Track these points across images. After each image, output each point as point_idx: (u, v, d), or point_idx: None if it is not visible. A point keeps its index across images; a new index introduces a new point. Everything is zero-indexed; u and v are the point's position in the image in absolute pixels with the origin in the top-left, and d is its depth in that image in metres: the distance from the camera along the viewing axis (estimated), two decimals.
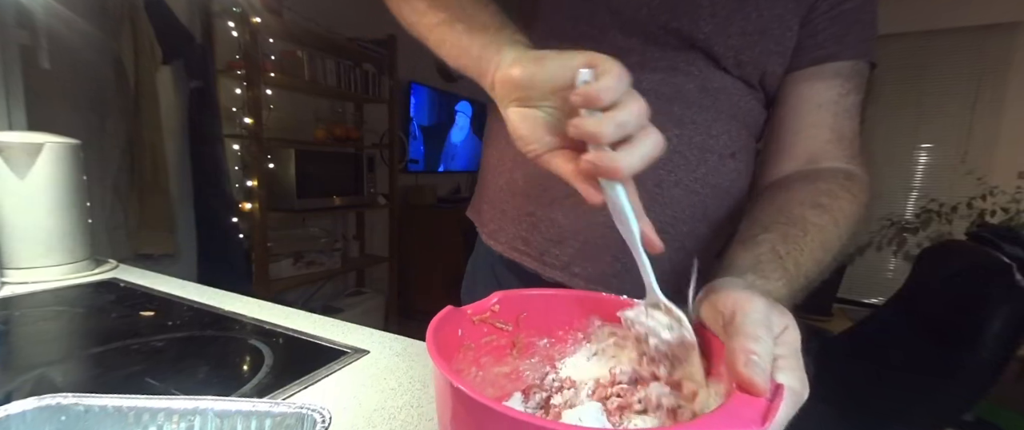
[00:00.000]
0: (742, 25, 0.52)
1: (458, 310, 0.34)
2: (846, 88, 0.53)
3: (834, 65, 0.52)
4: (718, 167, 0.56)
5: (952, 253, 1.24)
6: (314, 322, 0.66)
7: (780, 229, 0.42)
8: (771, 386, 0.25)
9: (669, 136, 0.52)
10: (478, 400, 0.23)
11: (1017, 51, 2.79)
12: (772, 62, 0.53)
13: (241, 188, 2.05)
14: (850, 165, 0.52)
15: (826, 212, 0.44)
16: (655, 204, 0.55)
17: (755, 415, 0.23)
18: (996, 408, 1.79)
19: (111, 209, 1.71)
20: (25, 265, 0.81)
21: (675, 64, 0.54)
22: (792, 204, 0.46)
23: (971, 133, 2.94)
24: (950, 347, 1.04)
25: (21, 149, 0.78)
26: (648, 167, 0.54)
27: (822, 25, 0.52)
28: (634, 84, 0.53)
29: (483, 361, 0.36)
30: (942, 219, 2.97)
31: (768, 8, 0.51)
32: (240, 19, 1.88)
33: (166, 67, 1.79)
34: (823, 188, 0.47)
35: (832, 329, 1.66)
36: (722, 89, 0.55)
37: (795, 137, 0.54)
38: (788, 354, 0.27)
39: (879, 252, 3.21)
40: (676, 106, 0.54)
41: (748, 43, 0.52)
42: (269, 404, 0.29)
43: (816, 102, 0.53)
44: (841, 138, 0.53)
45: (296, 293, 2.39)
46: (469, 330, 0.35)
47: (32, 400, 0.27)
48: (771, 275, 0.36)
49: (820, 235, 0.42)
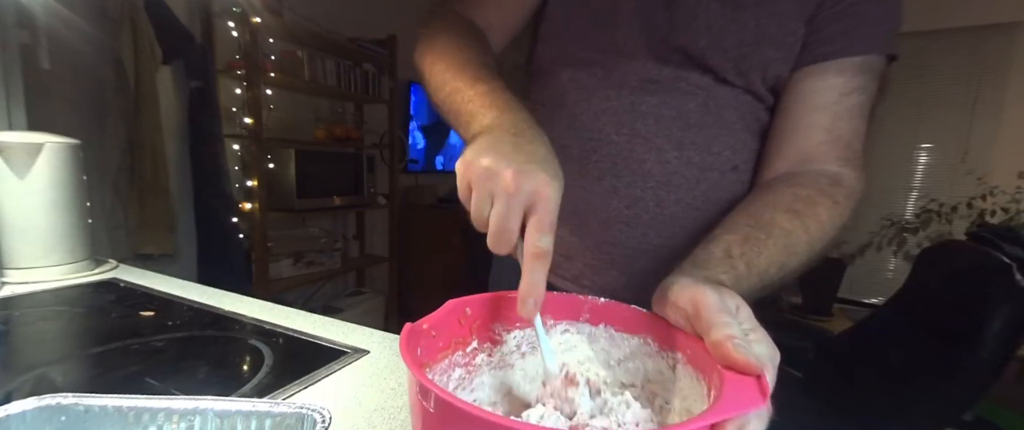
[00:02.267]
0: (738, 36, 0.51)
1: (416, 327, 0.32)
2: (849, 87, 0.51)
3: (837, 62, 0.51)
4: (719, 182, 0.56)
5: (952, 253, 1.24)
6: (314, 322, 0.66)
7: (743, 231, 0.42)
8: None
9: (669, 158, 0.55)
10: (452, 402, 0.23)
11: (1017, 51, 2.79)
12: (776, 67, 0.53)
13: (241, 188, 2.05)
14: (842, 168, 0.51)
15: (798, 218, 0.44)
16: (655, 222, 0.56)
17: (755, 393, 0.24)
18: (996, 408, 1.79)
19: (111, 209, 1.71)
20: (25, 265, 0.81)
21: (676, 84, 0.54)
22: (765, 207, 0.46)
23: (971, 133, 2.94)
24: (950, 347, 1.04)
25: (21, 149, 0.78)
26: (649, 188, 0.55)
27: (827, 21, 0.51)
28: (635, 107, 0.54)
29: (445, 370, 0.36)
30: (942, 219, 2.97)
31: (766, 15, 0.51)
32: (240, 19, 1.88)
33: (166, 67, 1.79)
34: (801, 194, 0.47)
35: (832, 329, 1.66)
36: (727, 104, 0.54)
37: (788, 138, 0.54)
38: (752, 326, 0.29)
39: (879, 252, 3.21)
40: (676, 127, 0.54)
41: (747, 53, 0.52)
42: (269, 404, 0.29)
43: (814, 103, 0.52)
44: (837, 140, 0.51)
45: (296, 293, 2.39)
46: (427, 345, 0.34)
47: (32, 400, 0.27)
48: (714, 269, 0.37)
49: (785, 239, 0.42)
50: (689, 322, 0.31)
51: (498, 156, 0.34)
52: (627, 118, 0.55)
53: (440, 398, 0.24)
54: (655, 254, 0.57)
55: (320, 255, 2.37)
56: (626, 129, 0.55)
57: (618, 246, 0.58)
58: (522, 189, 0.32)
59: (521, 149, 0.35)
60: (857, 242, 3.25)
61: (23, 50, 1.12)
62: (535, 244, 0.32)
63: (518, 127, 0.39)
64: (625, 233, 0.57)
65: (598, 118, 0.57)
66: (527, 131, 0.39)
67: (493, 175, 0.33)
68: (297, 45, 2.24)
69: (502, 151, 0.35)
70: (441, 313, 0.35)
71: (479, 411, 0.23)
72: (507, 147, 0.35)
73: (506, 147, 0.35)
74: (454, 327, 0.36)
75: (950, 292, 1.13)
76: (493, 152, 0.35)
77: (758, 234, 0.42)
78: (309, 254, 2.31)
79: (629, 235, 0.57)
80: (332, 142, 2.42)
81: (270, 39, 2.10)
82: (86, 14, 1.51)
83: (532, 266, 0.32)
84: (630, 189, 0.56)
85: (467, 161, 0.35)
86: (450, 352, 0.36)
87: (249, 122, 1.94)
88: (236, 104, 2.01)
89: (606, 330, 0.38)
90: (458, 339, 0.36)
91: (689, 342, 0.31)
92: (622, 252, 0.58)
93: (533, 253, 0.32)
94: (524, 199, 0.33)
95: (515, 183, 0.32)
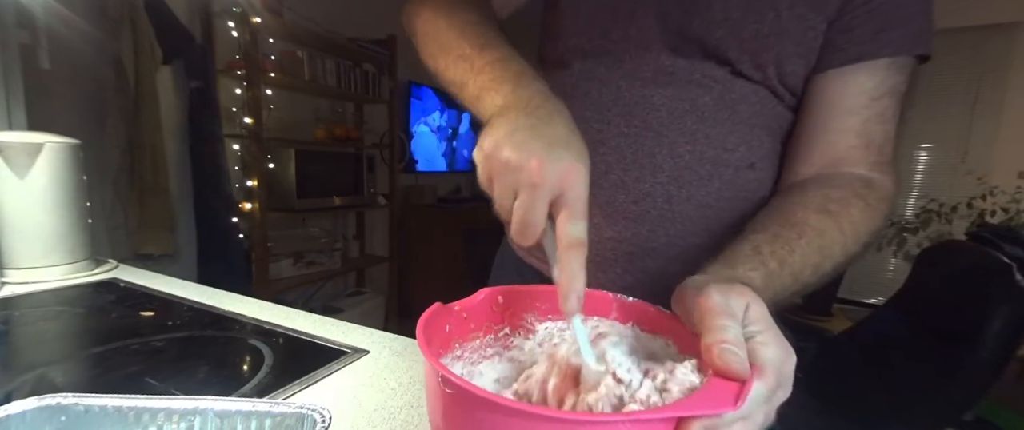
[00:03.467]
0: (756, 28, 0.49)
1: (446, 307, 0.34)
2: (880, 91, 0.49)
3: (869, 64, 0.49)
4: (733, 180, 0.54)
5: (952, 253, 1.24)
6: (314, 322, 0.66)
7: (773, 229, 0.41)
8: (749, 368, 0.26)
9: (682, 152, 0.53)
10: (468, 389, 0.24)
11: (1017, 51, 2.79)
12: (793, 62, 0.51)
13: (241, 188, 2.05)
14: (873, 172, 0.49)
15: (831, 218, 0.43)
16: (663, 219, 0.54)
17: (728, 397, 0.24)
18: (996, 408, 1.79)
19: (111, 209, 1.71)
20: (25, 265, 0.81)
21: (691, 76, 0.52)
22: (796, 207, 0.44)
23: (971, 133, 2.94)
24: (950, 347, 1.04)
25: (21, 149, 0.78)
26: (659, 183, 0.53)
27: (859, 21, 0.48)
28: (647, 100, 0.52)
29: (471, 356, 0.37)
30: (942, 219, 2.97)
31: (787, 8, 0.49)
32: (240, 19, 1.88)
33: (166, 67, 1.79)
34: (835, 195, 0.45)
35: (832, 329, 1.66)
36: (743, 98, 0.53)
37: (817, 141, 0.52)
38: (762, 328, 0.28)
39: (879, 252, 3.21)
40: (689, 120, 0.52)
41: (764, 46, 0.50)
42: (269, 404, 0.29)
43: (844, 107, 0.50)
44: (868, 144, 0.49)
45: (296, 293, 2.39)
46: (457, 325, 0.35)
47: (32, 400, 0.27)
48: (742, 267, 0.36)
49: (819, 239, 0.41)
50: (694, 325, 0.30)
51: (518, 146, 0.32)
52: (638, 111, 0.53)
53: (447, 379, 0.25)
54: (662, 253, 0.55)
55: (320, 255, 2.37)
56: (637, 122, 0.53)
57: (623, 243, 0.56)
58: (547, 180, 0.30)
59: (540, 133, 0.33)
60: (870, 250, 3.24)
61: (23, 50, 1.12)
62: (569, 234, 0.30)
63: (534, 103, 0.37)
64: (630, 230, 0.55)
65: (608, 110, 0.55)
66: (544, 107, 0.37)
67: (515, 168, 0.31)
68: (297, 45, 2.24)
69: (522, 139, 0.33)
70: (475, 299, 0.36)
71: (480, 391, 0.24)
72: (525, 133, 0.33)
73: (525, 133, 0.33)
74: (487, 313, 0.37)
75: (950, 292, 1.13)
76: (512, 141, 0.32)
77: (789, 233, 0.40)
78: (309, 254, 2.31)
79: (635, 232, 0.55)
80: (332, 142, 2.42)
81: (270, 39, 2.11)
82: (86, 14, 1.51)
83: (569, 257, 0.30)
84: (638, 184, 0.54)
85: (486, 153, 0.33)
86: (482, 334, 0.37)
87: (249, 122, 1.94)
88: (236, 104, 2.01)
89: (633, 329, 0.37)
90: (490, 323, 0.38)
91: (698, 345, 0.31)
92: (626, 249, 0.56)
93: (568, 243, 0.30)
94: (551, 189, 0.31)
95: (540, 173, 0.30)
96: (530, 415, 0.24)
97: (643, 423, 0.24)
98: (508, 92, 0.39)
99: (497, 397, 0.25)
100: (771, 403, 0.27)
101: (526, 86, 0.39)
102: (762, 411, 0.26)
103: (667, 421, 0.24)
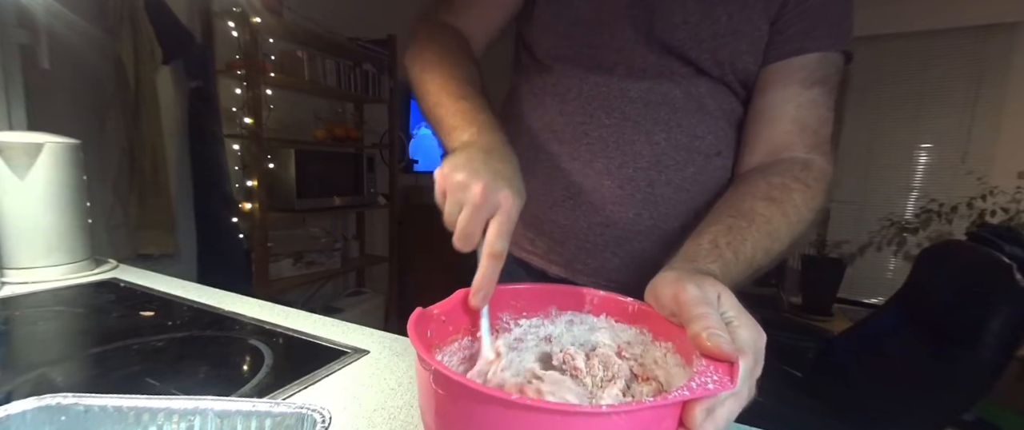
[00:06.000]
0: (712, 29, 0.56)
1: (426, 311, 0.35)
2: (812, 81, 0.55)
3: (800, 58, 0.55)
4: (705, 166, 0.59)
5: (952, 253, 1.24)
6: (314, 322, 0.66)
7: (726, 221, 0.46)
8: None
9: (658, 140, 0.58)
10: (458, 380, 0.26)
11: (1017, 51, 2.79)
12: (745, 61, 0.57)
13: (241, 188, 2.05)
14: (811, 154, 0.54)
15: (775, 204, 0.48)
16: (648, 202, 0.59)
17: (725, 378, 0.26)
18: (996, 408, 1.79)
19: (111, 209, 1.71)
20: (25, 265, 0.81)
21: (661, 71, 0.58)
22: (743, 197, 0.49)
23: (971, 133, 2.94)
24: (950, 347, 1.04)
25: (21, 149, 0.78)
26: (640, 168, 0.59)
27: (792, 21, 0.55)
28: (624, 93, 0.60)
29: (450, 360, 0.38)
30: (942, 219, 2.97)
31: (738, 11, 0.55)
32: (240, 19, 1.88)
33: (166, 67, 1.79)
34: (775, 182, 0.50)
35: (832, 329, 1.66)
36: (707, 93, 0.59)
37: (759, 130, 0.58)
38: (735, 313, 0.32)
39: (879, 252, 3.21)
40: (663, 111, 0.58)
41: (720, 45, 0.56)
42: (269, 404, 0.29)
43: (782, 96, 0.56)
44: (804, 128, 0.55)
45: (296, 293, 2.39)
46: (437, 329, 0.37)
47: (32, 400, 0.27)
48: (703, 260, 0.40)
49: (766, 225, 0.46)
50: (674, 316, 0.33)
51: (471, 172, 0.39)
52: (617, 103, 0.59)
53: (440, 373, 0.26)
54: (648, 235, 0.60)
55: (320, 255, 2.37)
56: (616, 113, 0.59)
57: (611, 227, 0.60)
58: (487, 201, 0.38)
59: (491, 167, 0.40)
60: (857, 242, 3.25)
61: (23, 50, 1.12)
62: (492, 245, 0.37)
63: (491, 146, 0.45)
64: (618, 214, 0.60)
65: (589, 103, 0.61)
66: (498, 151, 0.44)
67: (464, 187, 0.38)
68: (297, 45, 2.24)
69: (474, 167, 0.40)
70: (452, 301, 0.38)
71: (477, 385, 0.26)
72: (479, 164, 0.40)
73: (478, 164, 0.40)
74: (463, 314, 0.39)
75: (950, 292, 1.13)
76: (467, 168, 0.39)
77: (740, 223, 0.45)
78: (309, 254, 2.31)
79: (622, 215, 0.60)
80: (332, 142, 2.42)
81: (270, 39, 2.11)
82: (86, 14, 1.51)
83: (488, 263, 0.37)
84: (622, 169, 0.59)
85: (444, 173, 0.40)
86: (460, 337, 0.39)
87: (249, 122, 1.94)
88: (236, 104, 2.01)
89: (606, 320, 0.41)
90: (467, 326, 0.39)
91: (676, 332, 0.34)
92: (615, 233, 0.61)
93: (490, 253, 0.37)
94: (488, 210, 0.38)
95: (482, 196, 0.37)
96: (531, 408, 0.24)
97: (652, 409, 0.25)
98: (474, 133, 0.47)
99: (498, 392, 0.25)
100: (752, 378, 0.30)
101: (488, 133, 0.47)
102: (747, 386, 0.30)
103: (672, 406, 0.25)
